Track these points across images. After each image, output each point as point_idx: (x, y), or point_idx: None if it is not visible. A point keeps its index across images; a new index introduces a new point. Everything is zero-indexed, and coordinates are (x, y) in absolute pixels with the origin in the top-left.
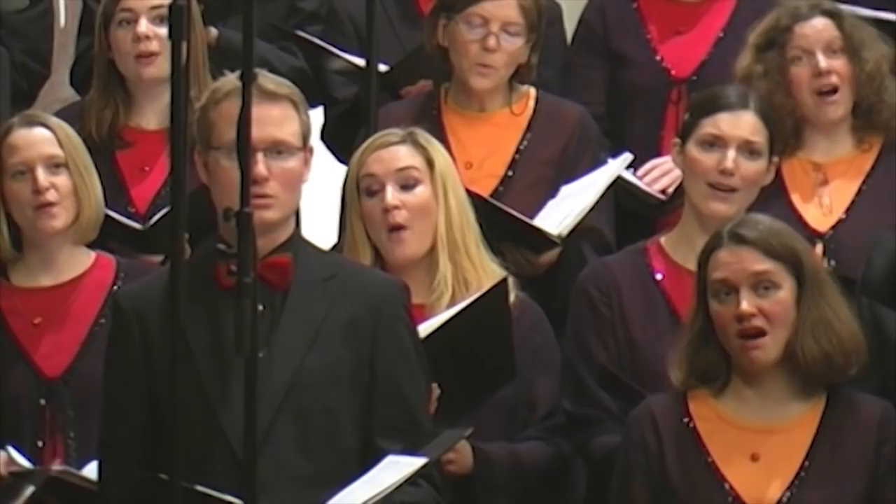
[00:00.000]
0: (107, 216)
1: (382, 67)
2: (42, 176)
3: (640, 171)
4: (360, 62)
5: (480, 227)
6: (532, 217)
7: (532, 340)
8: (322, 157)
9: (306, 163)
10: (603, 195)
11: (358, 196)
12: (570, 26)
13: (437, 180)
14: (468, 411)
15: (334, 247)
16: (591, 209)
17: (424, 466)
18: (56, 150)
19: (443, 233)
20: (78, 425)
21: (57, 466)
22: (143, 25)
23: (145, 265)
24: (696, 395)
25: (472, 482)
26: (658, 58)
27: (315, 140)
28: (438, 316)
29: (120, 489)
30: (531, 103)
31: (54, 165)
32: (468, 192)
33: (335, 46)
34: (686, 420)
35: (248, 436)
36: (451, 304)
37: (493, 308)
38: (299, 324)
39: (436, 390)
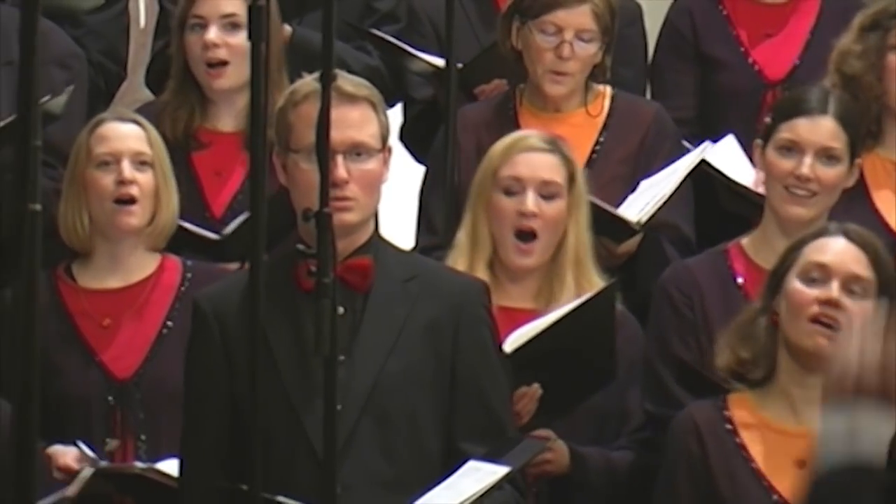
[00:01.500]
0: (182, 227)
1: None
2: (128, 169)
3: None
4: (440, 62)
5: None
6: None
7: (628, 353)
8: (399, 156)
9: (385, 163)
10: (681, 185)
11: (491, 191)
12: (650, 25)
13: (574, 196)
14: (567, 412)
15: (416, 246)
16: (670, 198)
17: (507, 475)
18: (145, 147)
19: (571, 248)
20: (148, 427)
21: (139, 464)
22: (213, 33)
23: (213, 267)
24: (736, 401)
25: (567, 483)
26: (750, 61)
27: (393, 139)
28: (545, 317)
29: (201, 494)
30: (607, 102)
31: (140, 162)
32: None
33: (414, 46)
34: (728, 427)
35: (328, 438)
36: None
37: (600, 310)
38: (380, 326)
39: (537, 390)
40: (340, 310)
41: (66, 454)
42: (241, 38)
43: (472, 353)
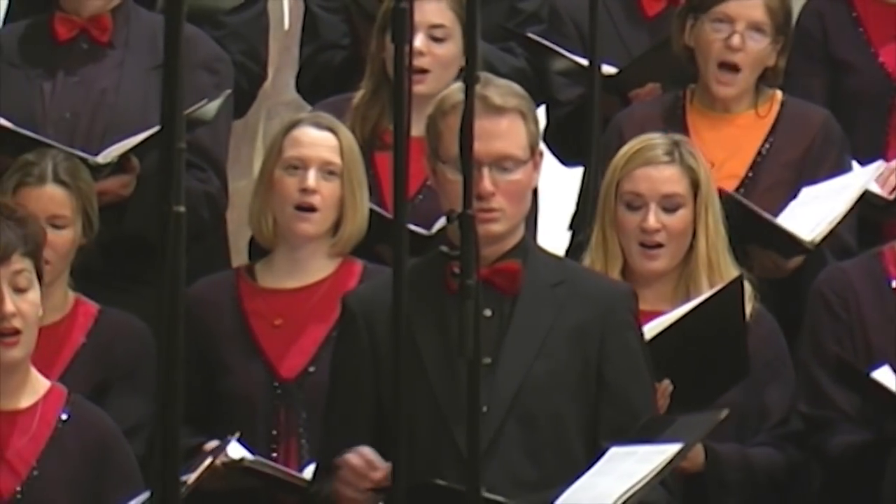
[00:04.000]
0: (387, 220)
1: (607, 69)
2: (313, 177)
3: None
4: (585, 62)
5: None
6: (774, 217)
7: (765, 351)
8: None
9: (536, 168)
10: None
11: (615, 203)
12: None
13: (700, 203)
14: (700, 409)
15: (569, 248)
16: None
17: (682, 452)
18: (334, 157)
19: (703, 252)
20: (311, 428)
21: (249, 456)
22: (420, 41)
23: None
24: None
25: (702, 480)
26: (880, 62)
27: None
28: (672, 312)
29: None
30: (776, 106)
31: (328, 172)
32: (720, 191)
33: (558, 47)
34: None
35: (471, 440)
36: None
37: (727, 305)
38: (528, 329)
39: (668, 386)
40: (488, 312)
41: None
42: (445, 48)
43: (619, 357)
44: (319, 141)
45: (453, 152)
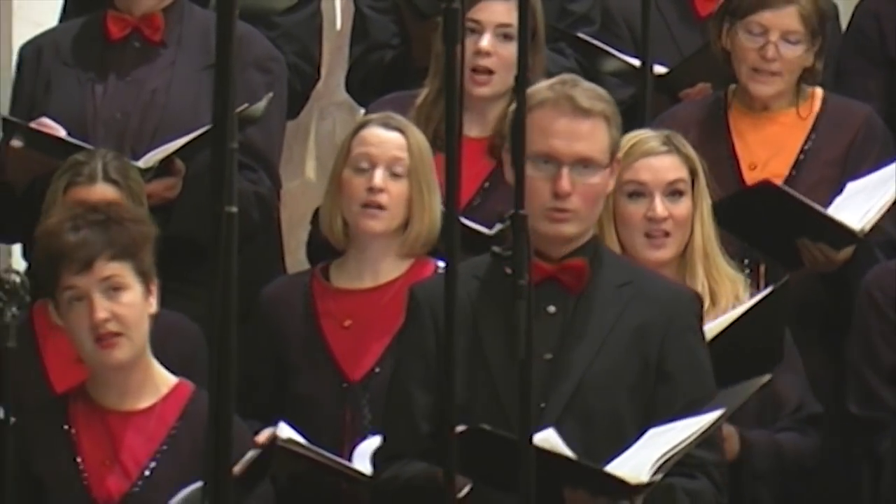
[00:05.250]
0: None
1: (659, 69)
2: (380, 176)
3: None
4: (636, 63)
5: (774, 219)
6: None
7: None
8: None
9: (612, 173)
10: None
11: (615, 195)
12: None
13: (696, 193)
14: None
15: None
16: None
17: (723, 415)
18: (402, 155)
19: (699, 243)
20: (376, 429)
21: (284, 436)
22: (487, 41)
23: None
24: None
25: (735, 470)
26: None
27: None
28: (726, 315)
29: (396, 466)
30: (817, 104)
31: (396, 171)
32: (769, 183)
33: (610, 47)
34: None
35: (521, 437)
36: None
37: (776, 304)
38: (590, 327)
39: None
40: (552, 309)
41: (264, 433)
42: (511, 48)
43: (680, 356)
44: (387, 140)
45: (534, 147)
